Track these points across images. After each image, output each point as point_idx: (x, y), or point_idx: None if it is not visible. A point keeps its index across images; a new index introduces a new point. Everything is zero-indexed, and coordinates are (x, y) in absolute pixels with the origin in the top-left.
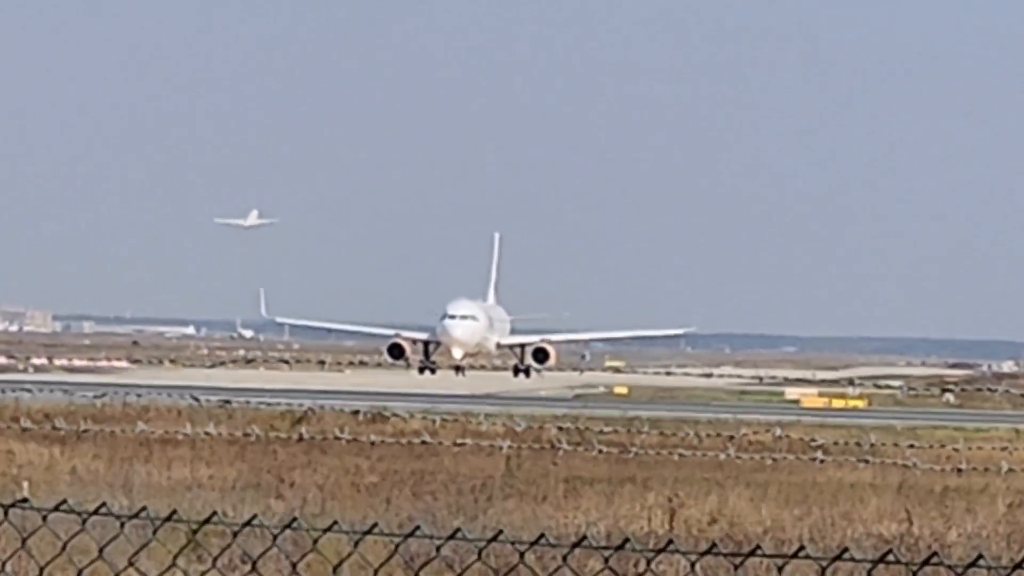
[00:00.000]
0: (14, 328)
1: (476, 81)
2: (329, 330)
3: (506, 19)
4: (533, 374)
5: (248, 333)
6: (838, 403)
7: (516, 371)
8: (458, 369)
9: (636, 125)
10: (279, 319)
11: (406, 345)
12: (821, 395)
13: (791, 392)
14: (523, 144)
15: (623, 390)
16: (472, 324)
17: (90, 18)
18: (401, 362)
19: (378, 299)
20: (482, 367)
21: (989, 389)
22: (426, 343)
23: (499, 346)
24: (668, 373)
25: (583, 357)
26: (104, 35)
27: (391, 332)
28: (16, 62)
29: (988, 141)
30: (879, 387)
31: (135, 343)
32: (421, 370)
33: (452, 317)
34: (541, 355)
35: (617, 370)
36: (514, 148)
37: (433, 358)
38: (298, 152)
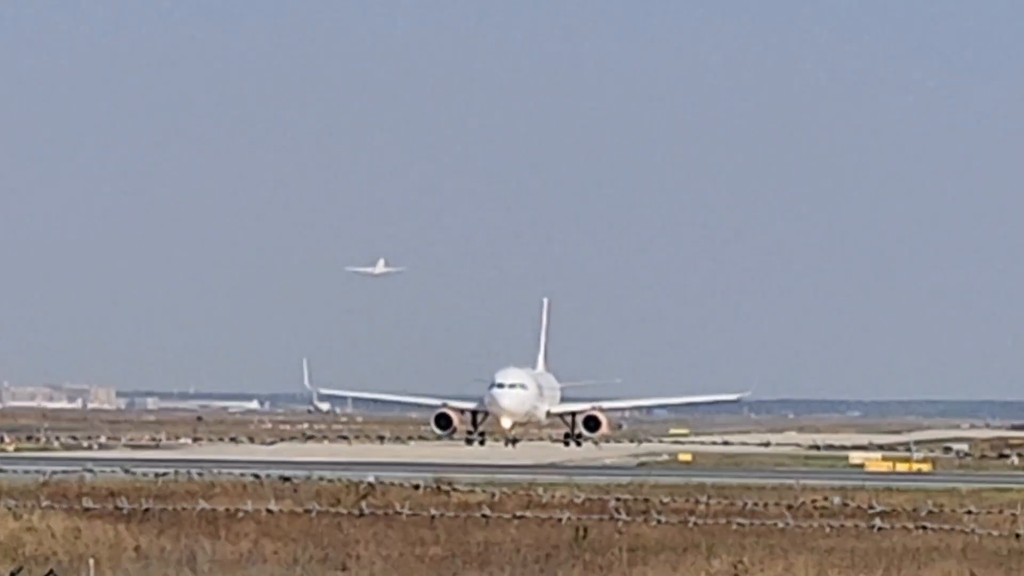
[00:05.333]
0: (78, 406)
1: (521, 142)
2: (375, 400)
3: (554, 85)
4: (586, 443)
5: (325, 406)
6: (903, 467)
7: (567, 440)
8: (509, 440)
9: (686, 184)
10: (322, 390)
11: (454, 415)
12: (885, 459)
13: (855, 457)
14: (572, 207)
15: (687, 457)
16: (521, 393)
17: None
18: (448, 432)
19: (425, 368)
20: (539, 437)
21: None
22: (474, 413)
23: (549, 414)
24: (725, 442)
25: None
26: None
27: (438, 402)
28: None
29: None
30: (935, 450)
31: (199, 419)
32: (469, 441)
33: (501, 386)
34: (592, 423)
35: (678, 437)
36: (563, 211)
37: (481, 428)
38: (354, 212)
